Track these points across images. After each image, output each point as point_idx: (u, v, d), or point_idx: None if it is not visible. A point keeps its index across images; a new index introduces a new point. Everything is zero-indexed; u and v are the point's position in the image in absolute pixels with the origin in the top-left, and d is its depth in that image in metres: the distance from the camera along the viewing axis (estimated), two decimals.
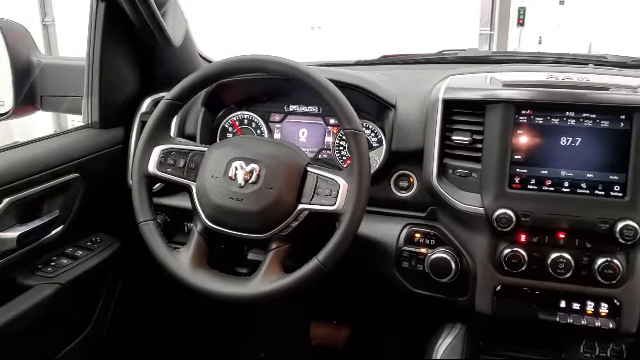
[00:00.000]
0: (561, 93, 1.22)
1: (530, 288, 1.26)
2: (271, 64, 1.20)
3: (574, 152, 1.21)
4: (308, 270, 1.12)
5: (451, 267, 1.28)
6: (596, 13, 8.17)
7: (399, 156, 1.39)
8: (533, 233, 1.24)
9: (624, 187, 1.18)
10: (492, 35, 7.25)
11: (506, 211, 1.21)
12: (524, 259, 1.22)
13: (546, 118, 1.22)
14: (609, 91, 1.22)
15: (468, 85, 1.32)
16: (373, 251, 1.38)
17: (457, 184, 1.30)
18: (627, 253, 1.20)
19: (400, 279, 1.38)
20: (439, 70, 1.50)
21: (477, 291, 1.30)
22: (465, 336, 1.39)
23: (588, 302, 1.24)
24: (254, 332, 2.07)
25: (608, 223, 1.17)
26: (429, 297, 1.37)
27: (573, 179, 1.21)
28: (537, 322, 1.27)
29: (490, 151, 1.25)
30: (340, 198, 1.13)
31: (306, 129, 1.52)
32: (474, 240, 1.30)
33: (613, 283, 1.19)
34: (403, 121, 1.38)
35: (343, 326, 2.02)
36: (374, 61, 1.81)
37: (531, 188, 1.23)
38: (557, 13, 8.37)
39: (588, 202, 1.20)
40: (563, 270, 1.20)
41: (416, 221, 1.39)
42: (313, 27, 6.43)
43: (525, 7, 8.04)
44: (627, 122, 1.18)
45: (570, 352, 1.40)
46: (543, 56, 1.68)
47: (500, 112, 1.23)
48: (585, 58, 1.65)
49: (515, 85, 1.28)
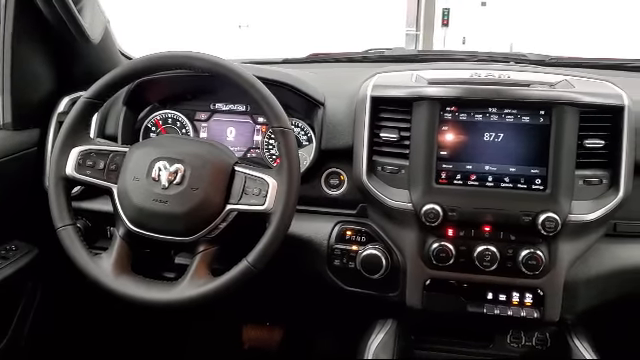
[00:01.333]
0: (483, 90, 1.25)
1: (458, 281, 1.28)
2: (195, 60, 1.17)
3: (497, 147, 1.24)
4: (237, 272, 1.10)
5: (382, 263, 1.29)
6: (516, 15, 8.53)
7: (329, 154, 1.38)
8: (460, 227, 1.26)
9: (545, 180, 1.22)
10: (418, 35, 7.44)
11: (433, 206, 1.23)
12: (452, 253, 1.24)
13: (470, 114, 1.25)
14: (529, 87, 1.26)
15: (394, 83, 1.33)
16: (304, 250, 1.37)
17: (386, 181, 1.30)
18: (549, 244, 1.24)
19: (332, 277, 1.37)
20: (366, 68, 1.51)
21: (407, 286, 1.31)
22: (397, 331, 1.40)
23: (514, 293, 1.27)
24: (183, 338, 2.02)
25: (530, 215, 1.21)
26: (361, 294, 1.37)
27: (496, 173, 1.24)
28: (466, 314, 1.29)
29: (417, 148, 1.26)
30: (269, 197, 1.11)
31: (234, 128, 1.49)
32: (404, 236, 1.31)
33: (536, 274, 1.23)
34: (332, 119, 1.37)
35: (276, 328, 2.00)
36: (302, 59, 1.79)
37: (457, 183, 1.25)
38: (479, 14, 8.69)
39: (511, 195, 1.23)
40: (489, 262, 1.23)
41: (347, 219, 1.39)
42: (241, 26, 6.37)
43: (449, 8, 8.30)
44: (546, 117, 1.22)
45: (498, 342, 1.43)
46: (467, 55, 1.72)
47: (426, 109, 1.25)
48: (507, 56, 1.70)
49: (440, 82, 1.30)
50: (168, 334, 2.01)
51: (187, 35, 5.89)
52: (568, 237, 1.24)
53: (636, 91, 1.29)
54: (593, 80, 1.34)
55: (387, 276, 1.31)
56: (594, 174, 1.24)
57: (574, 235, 1.24)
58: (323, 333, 1.89)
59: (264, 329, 2.01)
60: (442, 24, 8.31)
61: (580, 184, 1.23)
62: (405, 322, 1.43)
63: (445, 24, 8.31)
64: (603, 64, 1.62)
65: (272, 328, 2.00)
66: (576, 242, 1.26)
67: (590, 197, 1.23)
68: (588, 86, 1.28)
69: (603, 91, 1.26)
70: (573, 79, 1.31)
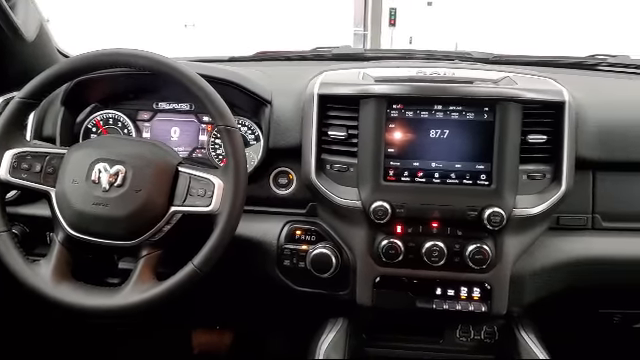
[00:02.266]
0: (429, 87, 1.26)
1: (407, 277, 1.29)
2: (136, 58, 1.13)
3: (443, 144, 1.25)
4: (183, 276, 1.07)
5: (332, 262, 1.28)
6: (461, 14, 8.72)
7: (277, 153, 1.36)
8: (408, 224, 1.27)
9: (490, 176, 1.24)
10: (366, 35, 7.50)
11: (382, 203, 1.23)
12: (401, 249, 1.25)
13: (416, 112, 1.25)
14: (473, 84, 1.28)
15: (342, 80, 1.32)
16: (253, 251, 1.35)
17: (335, 179, 1.30)
18: (495, 238, 1.26)
19: (282, 278, 1.36)
20: (314, 67, 1.49)
21: (358, 284, 1.31)
22: (348, 330, 1.40)
23: (462, 287, 1.29)
24: (130, 345, 1.96)
25: (476, 210, 1.23)
26: (311, 294, 1.36)
27: (443, 170, 1.25)
28: (415, 310, 1.30)
29: (365, 145, 1.26)
30: (215, 198, 1.09)
31: (178, 127, 1.45)
32: (353, 234, 1.30)
33: (483, 268, 1.25)
34: (280, 117, 1.36)
35: (226, 331, 1.96)
36: (249, 57, 1.77)
37: (404, 180, 1.26)
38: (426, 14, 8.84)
39: (457, 191, 1.25)
40: (437, 258, 1.24)
41: (297, 218, 1.37)
42: (187, 25, 6.27)
43: (396, 8, 8.41)
44: (490, 114, 1.24)
45: (447, 337, 1.45)
46: (413, 53, 1.73)
47: (373, 107, 1.25)
48: (451, 55, 1.73)
49: (386, 80, 1.30)
50: (112, 342, 1.94)
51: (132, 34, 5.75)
52: (513, 231, 1.26)
53: (576, 87, 1.32)
54: (535, 77, 1.37)
55: (337, 275, 1.30)
56: (537, 169, 1.26)
57: (519, 229, 1.27)
58: (274, 334, 1.87)
59: (214, 333, 1.97)
60: (389, 24, 8.41)
61: (524, 179, 1.26)
62: (356, 320, 1.43)
63: (392, 24, 8.42)
64: (544, 62, 1.66)
65: (222, 332, 1.97)
66: (521, 236, 1.28)
67: (534, 191, 1.26)
68: (530, 83, 1.31)
69: (544, 87, 1.29)
70: (516, 76, 1.33)
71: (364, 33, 7.07)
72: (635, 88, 1.56)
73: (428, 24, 8.55)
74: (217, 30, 5.90)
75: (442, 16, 8.62)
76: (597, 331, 1.66)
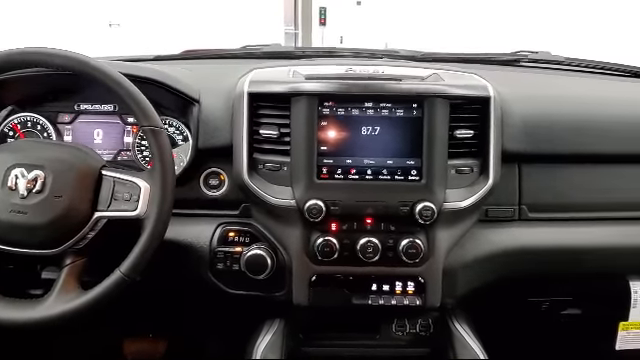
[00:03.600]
0: (359, 84, 1.26)
1: (343, 275, 1.29)
2: (52, 57, 1.08)
3: (375, 141, 1.26)
4: (109, 284, 1.03)
5: (267, 263, 1.27)
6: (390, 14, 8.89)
7: (207, 153, 1.33)
8: (343, 221, 1.27)
9: (420, 171, 1.26)
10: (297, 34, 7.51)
11: (316, 202, 1.22)
12: (336, 247, 1.25)
13: (347, 109, 1.25)
14: (402, 82, 1.29)
15: (272, 78, 1.31)
16: (185, 255, 1.31)
17: (268, 179, 1.28)
18: (427, 232, 1.28)
19: (215, 281, 1.33)
20: (243, 65, 1.47)
21: (294, 284, 1.30)
22: (284, 331, 1.38)
23: (396, 282, 1.30)
24: (59, 354, 1.87)
25: (408, 205, 1.24)
26: (246, 296, 1.34)
27: (375, 166, 1.26)
28: (352, 307, 1.30)
29: (298, 144, 1.25)
30: (142, 202, 1.06)
31: (101, 129, 1.39)
32: (288, 233, 1.29)
33: (417, 262, 1.27)
34: (209, 116, 1.32)
35: (159, 339, 1.91)
36: (176, 56, 1.73)
37: (338, 178, 1.26)
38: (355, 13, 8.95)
39: (389, 187, 1.26)
40: (372, 254, 1.25)
41: (229, 220, 1.35)
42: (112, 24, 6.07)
43: (326, 7, 8.47)
44: (419, 110, 1.25)
45: (384, 332, 1.46)
46: (343, 51, 1.74)
47: (304, 105, 1.24)
48: (380, 52, 1.74)
49: (317, 78, 1.30)
50: (40, 351, 1.85)
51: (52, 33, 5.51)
52: (444, 224, 1.29)
53: (500, 83, 1.36)
54: (461, 73, 1.40)
55: (273, 276, 1.29)
56: (465, 163, 1.29)
57: (450, 222, 1.29)
58: (209, 340, 1.82)
59: (147, 341, 1.91)
60: (320, 23, 8.46)
61: (453, 173, 1.28)
62: (293, 321, 1.42)
63: (322, 23, 8.47)
64: (469, 59, 1.71)
65: (156, 339, 1.91)
66: (452, 229, 1.31)
67: (462, 185, 1.29)
68: (456, 79, 1.34)
69: (470, 83, 1.32)
70: (442, 73, 1.36)
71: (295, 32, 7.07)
72: (556, 83, 1.63)
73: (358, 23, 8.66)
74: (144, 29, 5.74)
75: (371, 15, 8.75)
76: (527, 319, 1.72)
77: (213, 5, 6.35)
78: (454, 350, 1.36)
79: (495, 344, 1.40)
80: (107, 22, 5.97)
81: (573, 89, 1.57)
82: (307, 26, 7.89)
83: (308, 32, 8.06)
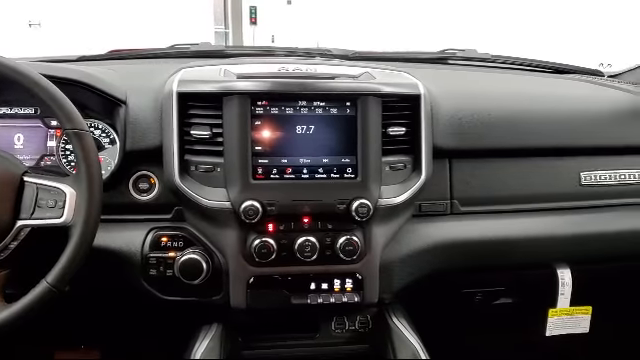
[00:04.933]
0: (292, 83, 1.26)
1: (281, 275, 1.28)
2: None
3: (310, 139, 1.25)
4: (35, 296, 0.98)
5: (202, 267, 1.24)
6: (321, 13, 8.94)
7: (136, 156, 1.29)
8: (280, 221, 1.25)
9: (355, 169, 1.26)
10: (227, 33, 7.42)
11: (252, 202, 1.20)
12: (273, 248, 1.23)
13: (281, 108, 1.24)
14: (334, 80, 1.30)
15: (202, 78, 1.28)
16: (115, 262, 1.26)
17: (201, 180, 1.25)
18: (363, 229, 1.29)
19: (149, 288, 1.29)
20: (172, 64, 1.43)
21: (231, 287, 1.28)
22: (222, 335, 1.36)
23: (335, 280, 1.30)
24: None
25: (345, 203, 1.25)
26: (182, 302, 1.30)
27: (311, 165, 1.25)
28: (291, 307, 1.29)
29: (231, 144, 1.23)
30: (68, 209, 1.01)
31: (22, 134, 1.31)
32: (224, 236, 1.27)
33: (354, 259, 1.27)
34: (137, 118, 1.28)
35: (93, 349, 1.83)
36: (101, 56, 1.66)
37: (274, 178, 1.24)
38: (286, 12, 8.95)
39: (326, 186, 1.26)
40: (310, 253, 1.24)
41: (162, 224, 1.31)
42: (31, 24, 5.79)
43: (256, 6, 8.41)
44: (352, 108, 1.26)
45: (323, 330, 1.46)
46: (275, 50, 1.72)
47: (236, 104, 1.22)
48: (312, 52, 1.74)
49: (249, 77, 1.28)
50: None
51: None
52: (380, 221, 1.30)
53: (430, 81, 1.39)
54: (392, 71, 1.42)
55: (209, 280, 1.26)
56: (399, 160, 1.31)
57: (385, 218, 1.31)
58: (145, 348, 1.77)
59: (79, 352, 1.82)
60: (250, 22, 8.40)
61: (387, 170, 1.30)
62: (231, 324, 1.39)
63: (253, 22, 8.41)
64: (400, 57, 1.73)
65: (88, 350, 1.83)
66: (387, 225, 1.32)
67: (396, 182, 1.31)
68: (388, 77, 1.35)
69: (401, 81, 1.34)
70: (374, 71, 1.37)
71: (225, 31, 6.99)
72: (483, 79, 1.68)
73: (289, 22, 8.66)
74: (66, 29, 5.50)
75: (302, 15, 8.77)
76: (462, 310, 1.76)
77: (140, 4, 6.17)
78: (392, 344, 1.38)
79: (432, 336, 1.43)
80: (27, 22, 5.68)
81: (498, 86, 1.63)
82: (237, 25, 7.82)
83: (239, 31, 7.98)
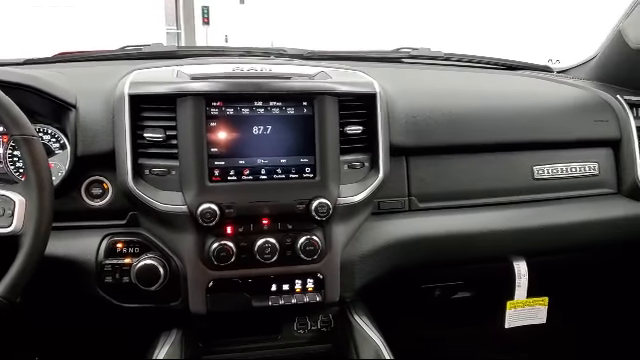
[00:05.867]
0: (247, 83, 1.24)
1: (242, 278, 1.26)
2: None
3: (267, 140, 1.24)
4: None
5: (159, 273, 1.22)
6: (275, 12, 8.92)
7: (88, 161, 1.25)
8: (238, 223, 1.24)
9: (314, 168, 1.26)
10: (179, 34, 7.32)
11: (209, 205, 1.18)
12: (232, 250, 1.22)
13: (236, 109, 1.23)
14: (291, 79, 1.29)
15: (154, 79, 1.25)
16: (69, 271, 1.22)
17: (156, 184, 1.22)
18: (323, 229, 1.29)
19: (105, 296, 1.25)
20: (123, 66, 1.40)
21: (190, 292, 1.25)
22: (182, 341, 1.33)
23: (296, 281, 1.30)
24: None
25: (304, 203, 1.24)
26: (140, 309, 1.27)
27: (269, 166, 1.24)
28: (252, 310, 1.28)
29: (186, 146, 1.21)
30: (17, 217, 0.98)
31: None
32: (181, 240, 1.24)
33: (315, 258, 1.27)
34: (88, 121, 1.24)
35: None
36: (48, 59, 1.60)
37: (231, 179, 1.23)
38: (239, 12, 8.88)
39: (284, 186, 1.25)
40: (270, 254, 1.23)
41: (116, 230, 1.28)
42: None
43: (208, 6, 8.32)
44: (309, 108, 1.25)
45: (285, 332, 1.45)
46: (229, 50, 1.71)
47: (190, 105, 1.20)
48: (267, 51, 1.73)
49: (202, 77, 1.26)
50: None
51: None
52: (340, 219, 1.30)
53: (385, 79, 1.40)
54: (348, 71, 1.42)
55: (167, 285, 1.24)
56: (356, 158, 1.31)
57: (345, 217, 1.31)
58: (102, 358, 1.72)
59: None
60: (203, 22, 8.30)
61: (345, 169, 1.30)
62: (192, 329, 1.37)
63: (206, 22, 8.31)
64: (355, 56, 1.74)
65: None
66: (347, 223, 1.33)
67: (355, 180, 1.31)
68: (343, 76, 1.36)
69: (357, 80, 1.34)
70: (330, 70, 1.37)
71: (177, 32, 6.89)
72: (437, 77, 1.70)
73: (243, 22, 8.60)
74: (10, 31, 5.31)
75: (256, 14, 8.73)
76: (422, 305, 1.78)
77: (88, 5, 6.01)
78: (355, 343, 1.38)
79: (394, 333, 1.44)
80: None
81: (452, 83, 1.65)
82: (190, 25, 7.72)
83: (191, 31, 7.88)
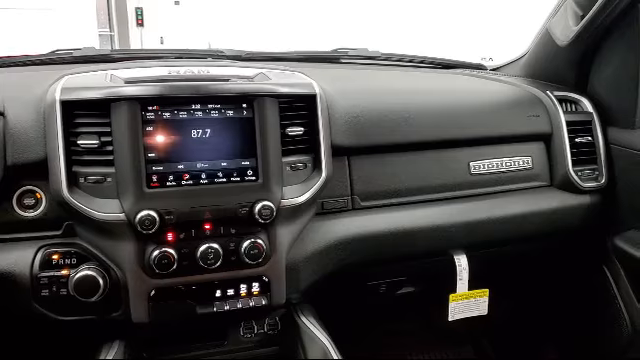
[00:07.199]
0: (183, 86, 1.22)
1: (185, 285, 1.24)
2: None
3: (206, 143, 1.22)
4: None
5: (99, 283, 1.18)
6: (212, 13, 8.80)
7: (19, 170, 1.19)
8: (179, 230, 1.21)
9: (256, 171, 1.25)
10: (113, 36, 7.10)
11: (148, 212, 1.16)
12: (174, 258, 1.19)
13: (174, 112, 1.20)
14: (229, 82, 1.28)
15: (86, 84, 1.21)
16: (1, 286, 1.17)
17: (92, 192, 1.18)
18: (268, 231, 1.28)
19: (41, 310, 1.20)
20: (53, 71, 1.35)
21: (131, 302, 1.22)
22: (125, 352, 1.30)
23: (241, 285, 1.28)
24: None
25: (247, 206, 1.23)
26: (80, 321, 1.23)
27: (209, 170, 1.23)
28: (196, 317, 1.26)
29: (122, 152, 1.17)
30: None
31: None
32: (120, 249, 1.21)
33: (260, 262, 1.26)
34: (17, 130, 1.19)
35: None
36: None
37: (170, 185, 1.20)
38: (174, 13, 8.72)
39: (226, 190, 1.23)
40: (213, 260, 1.22)
41: (52, 241, 1.23)
42: None
43: (142, 7, 8.12)
44: (249, 110, 1.24)
45: (232, 337, 1.44)
46: (164, 52, 1.67)
47: (125, 110, 1.17)
48: (204, 53, 1.71)
49: (137, 81, 1.23)
50: None
51: None
52: (284, 221, 1.30)
53: (324, 80, 1.41)
54: (287, 72, 1.42)
55: (107, 296, 1.20)
56: (299, 160, 1.31)
57: (289, 218, 1.31)
58: None
59: None
60: (137, 24, 8.10)
61: (288, 170, 1.30)
62: (135, 340, 1.33)
63: (140, 24, 8.11)
64: (293, 57, 1.74)
65: None
66: (292, 225, 1.32)
67: (298, 181, 1.31)
68: (283, 77, 1.35)
69: (296, 81, 1.34)
70: (269, 72, 1.37)
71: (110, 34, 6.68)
72: (375, 77, 1.73)
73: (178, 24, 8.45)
74: None
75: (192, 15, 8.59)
76: (368, 302, 1.80)
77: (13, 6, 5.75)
78: (302, 344, 1.38)
79: (342, 332, 1.45)
80: None
81: (390, 82, 1.68)
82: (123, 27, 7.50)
83: (125, 34, 7.67)
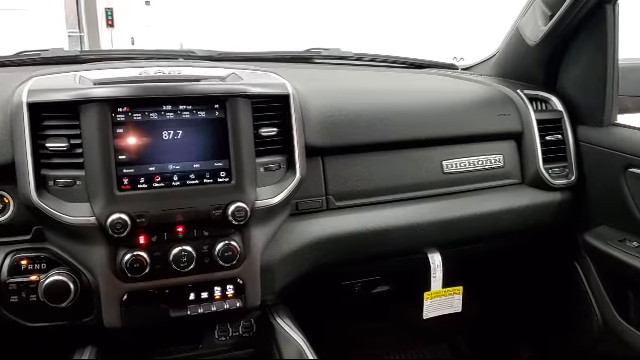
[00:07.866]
0: (154, 87, 1.21)
1: (158, 289, 1.22)
2: None
3: (178, 145, 1.21)
4: None
5: (70, 288, 1.16)
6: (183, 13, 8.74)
7: None
8: (152, 232, 1.20)
9: (229, 172, 1.24)
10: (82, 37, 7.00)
11: (120, 215, 1.14)
12: (146, 261, 1.18)
13: (144, 114, 1.19)
14: (201, 82, 1.26)
15: (55, 86, 1.19)
16: None
17: (61, 196, 1.16)
18: (242, 233, 1.27)
19: (10, 317, 1.18)
20: (20, 72, 1.33)
21: (103, 307, 1.20)
22: (98, 357, 1.28)
23: (215, 288, 1.27)
24: None
25: (220, 208, 1.22)
26: (51, 327, 1.21)
27: (181, 171, 1.21)
28: (170, 321, 1.24)
29: (92, 155, 1.15)
30: None
31: None
32: (91, 253, 1.19)
33: (234, 264, 1.25)
34: None
35: None
36: None
37: (141, 187, 1.18)
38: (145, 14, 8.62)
39: (199, 192, 1.22)
40: (186, 263, 1.20)
41: (20, 246, 1.21)
42: None
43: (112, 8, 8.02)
44: (221, 110, 1.23)
45: (206, 340, 1.43)
46: (134, 53, 1.65)
47: (95, 112, 1.15)
48: (175, 53, 1.70)
49: (107, 83, 1.22)
50: None
51: None
52: (258, 223, 1.29)
53: (297, 80, 1.40)
54: (259, 72, 1.41)
55: (78, 301, 1.18)
56: (272, 160, 1.31)
57: (263, 220, 1.30)
58: None
59: None
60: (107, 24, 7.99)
61: (262, 171, 1.29)
62: (107, 345, 1.31)
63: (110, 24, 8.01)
64: (265, 57, 1.74)
65: None
66: (266, 226, 1.32)
67: (272, 182, 1.30)
68: (255, 78, 1.35)
69: (269, 82, 1.34)
70: (241, 72, 1.36)
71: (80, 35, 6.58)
72: (347, 77, 1.73)
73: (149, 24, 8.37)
74: None
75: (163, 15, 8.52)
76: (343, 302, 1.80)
77: None
78: (278, 345, 1.38)
79: (318, 332, 1.45)
80: None
81: (362, 82, 1.68)
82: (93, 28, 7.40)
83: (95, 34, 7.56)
